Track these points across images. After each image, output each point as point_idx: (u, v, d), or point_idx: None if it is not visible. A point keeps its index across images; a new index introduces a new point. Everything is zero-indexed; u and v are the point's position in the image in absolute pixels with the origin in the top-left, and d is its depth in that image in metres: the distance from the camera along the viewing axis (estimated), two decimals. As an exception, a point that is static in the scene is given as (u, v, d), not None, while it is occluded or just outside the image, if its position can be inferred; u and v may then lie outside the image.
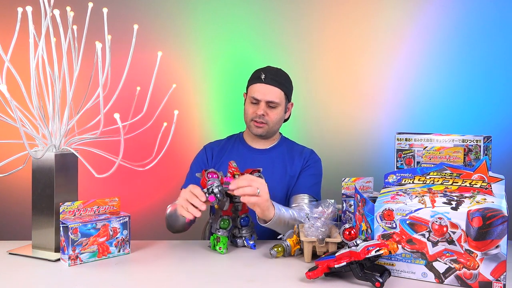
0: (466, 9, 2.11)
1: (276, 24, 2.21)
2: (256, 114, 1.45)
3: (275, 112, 1.46)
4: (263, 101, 1.44)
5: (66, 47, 1.18)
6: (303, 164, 1.51)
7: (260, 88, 1.44)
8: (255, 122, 1.46)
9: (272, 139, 1.56)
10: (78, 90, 1.21)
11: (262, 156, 1.52)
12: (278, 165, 1.51)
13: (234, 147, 1.56)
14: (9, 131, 1.35)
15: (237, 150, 1.54)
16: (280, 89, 1.45)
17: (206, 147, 1.59)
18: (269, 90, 1.43)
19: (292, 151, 1.55)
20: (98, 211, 1.20)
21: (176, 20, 2.24)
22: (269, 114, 1.45)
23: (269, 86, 1.43)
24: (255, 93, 1.45)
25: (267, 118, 1.45)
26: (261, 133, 1.48)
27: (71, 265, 1.09)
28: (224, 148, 1.56)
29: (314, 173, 1.51)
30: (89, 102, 1.28)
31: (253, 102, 1.46)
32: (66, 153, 1.20)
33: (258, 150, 1.54)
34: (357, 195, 1.12)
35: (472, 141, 1.20)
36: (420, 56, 2.16)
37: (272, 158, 1.52)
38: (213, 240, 1.20)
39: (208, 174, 1.18)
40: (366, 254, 0.92)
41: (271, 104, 1.44)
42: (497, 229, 0.89)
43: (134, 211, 1.66)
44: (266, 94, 1.43)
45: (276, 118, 1.46)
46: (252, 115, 1.46)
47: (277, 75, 1.47)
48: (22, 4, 1.16)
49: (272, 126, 1.48)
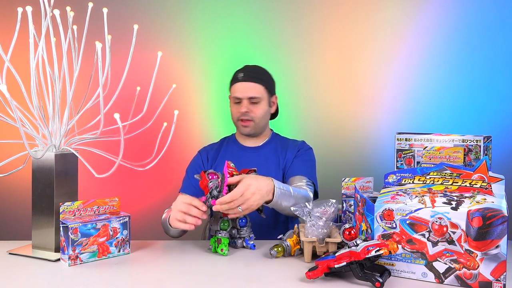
0: (466, 9, 2.11)
1: (276, 24, 2.21)
2: (240, 112, 1.48)
3: (259, 107, 1.48)
4: (245, 99, 1.47)
5: (66, 47, 1.18)
6: (296, 153, 1.53)
7: (239, 86, 1.48)
8: (241, 121, 1.50)
9: (263, 136, 1.58)
10: (78, 90, 1.21)
11: (254, 154, 1.54)
12: (271, 161, 1.52)
13: (227, 148, 1.58)
14: (9, 131, 1.35)
15: (231, 151, 1.57)
16: (259, 84, 1.48)
17: (200, 151, 1.61)
18: (249, 86, 1.47)
19: (284, 145, 1.57)
20: (98, 211, 1.20)
21: (176, 20, 2.24)
22: (253, 110, 1.48)
23: (248, 83, 1.47)
24: (236, 92, 1.49)
25: (252, 115, 1.48)
26: (249, 132, 1.52)
27: (71, 265, 1.09)
28: (218, 150, 1.59)
29: (307, 159, 1.53)
30: (89, 102, 1.28)
31: (236, 102, 1.50)
32: (66, 153, 1.20)
33: (250, 148, 1.56)
34: (357, 195, 1.12)
35: (472, 141, 1.20)
36: (420, 56, 2.16)
37: (265, 155, 1.54)
38: (213, 242, 1.20)
39: (209, 175, 1.17)
40: (366, 254, 0.92)
41: (253, 100, 1.47)
42: (497, 229, 0.89)
43: (134, 211, 1.66)
44: (246, 91, 1.47)
45: (260, 113, 1.49)
46: (237, 114, 1.50)
47: (254, 72, 1.50)
48: (22, 4, 1.16)
49: (259, 121, 1.50)
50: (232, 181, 1.15)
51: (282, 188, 1.23)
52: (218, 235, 1.18)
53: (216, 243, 1.19)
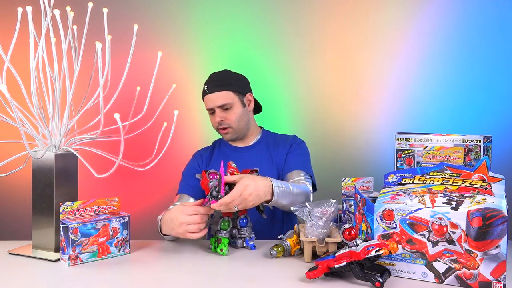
0: (466, 9, 2.11)
1: (276, 24, 2.21)
2: (216, 122, 1.51)
3: (232, 112, 1.50)
4: (216, 108, 1.49)
5: (66, 47, 1.18)
6: (288, 148, 1.54)
7: (208, 98, 1.50)
8: (221, 130, 1.52)
9: (251, 135, 1.59)
10: (78, 90, 1.21)
11: (246, 154, 1.55)
12: (264, 158, 1.53)
13: (220, 150, 1.60)
14: (9, 131, 1.35)
15: (223, 152, 1.58)
16: (225, 91, 1.49)
17: (195, 155, 1.62)
18: (215, 96, 1.48)
19: (275, 141, 1.58)
20: (98, 211, 1.20)
21: (176, 20, 2.23)
22: (227, 117, 1.50)
23: (214, 93, 1.48)
24: (206, 104, 1.52)
25: (228, 122, 1.50)
26: (230, 138, 1.54)
27: (71, 265, 1.09)
28: (211, 153, 1.61)
29: (301, 152, 1.54)
30: (89, 102, 1.28)
31: (211, 113, 1.53)
32: (66, 153, 1.20)
33: (242, 148, 1.57)
34: (357, 195, 1.12)
35: (472, 141, 1.20)
36: (420, 56, 2.16)
37: (257, 153, 1.55)
38: (213, 242, 1.20)
39: (210, 174, 1.18)
40: (366, 254, 0.92)
41: (224, 107, 1.49)
42: (497, 229, 0.89)
43: (134, 211, 1.66)
44: (214, 101, 1.48)
45: (235, 117, 1.50)
46: (215, 124, 1.53)
47: (218, 79, 1.51)
48: (22, 4, 1.16)
49: (236, 126, 1.51)
50: (229, 179, 1.15)
51: (280, 186, 1.23)
52: (218, 235, 1.18)
53: (216, 243, 1.19)
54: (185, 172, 1.57)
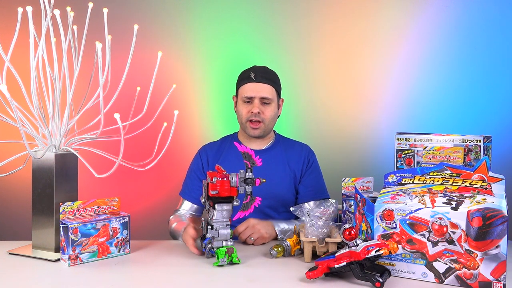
0: (466, 9, 2.11)
1: (276, 24, 2.21)
2: (251, 112, 1.44)
3: (270, 109, 1.46)
4: (257, 99, 1.44)
5: (66, 47, 1.18)
6: (305, 167, 1.52)
7: (252, 86, 1.44)
8: (251, 122, 1.46)
9: (268, 138, 1.55)
10: (78, 90, 1.21)
11: (260, 158, 1.51)
12: (279, 162, 1.51)
13: (230, 150, 1.53)
14: (9, 131, 1.35)
15: (234, 153, 1.52)
16: (271, 86, 1.46)
17: (200, 152, 1.56)
18: (261, 87, 1.44)
19: (289, 147, 1.56)
20: (98, 211, 1.20)
21: (176, 20, 2.23)
22: (264, 112, 1.45)
23: (261, 84, 1.44)
24: (248, 92, 1.44)
25: (263, 116, 1.45)
26: (258, 134, 1.48)
27: (71, 265, 1.09)
28: (219, 151, 1.54)
29: (317, 175, 1.54)
30: (89, 102, 1.28)
31: (247, 101, 1.46)
32: (66, 153, 1.20)
33: (256, 151, 1.52)
34: (357, 195, 1.12)
35: (472, 141, 1.20)
36: (420, 56, 2.16)
37: (271, 157, 1.52)
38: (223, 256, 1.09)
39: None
40: (366, 254, 0.92)
41: (265, 100, 1.45)
42: (497, 229, 0.89)
43: (134, 211, 1.66)
44: (259, 91, 1.44)
45: (271, 115, 1.47)
46: (247, 114, 1.45)
47: (266, 73, 1.48)
48: (22, 4, 1.16)
49: (268, 124, 1.48)
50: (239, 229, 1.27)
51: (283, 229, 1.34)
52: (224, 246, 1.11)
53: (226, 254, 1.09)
54: (190, 172, 1.54)
